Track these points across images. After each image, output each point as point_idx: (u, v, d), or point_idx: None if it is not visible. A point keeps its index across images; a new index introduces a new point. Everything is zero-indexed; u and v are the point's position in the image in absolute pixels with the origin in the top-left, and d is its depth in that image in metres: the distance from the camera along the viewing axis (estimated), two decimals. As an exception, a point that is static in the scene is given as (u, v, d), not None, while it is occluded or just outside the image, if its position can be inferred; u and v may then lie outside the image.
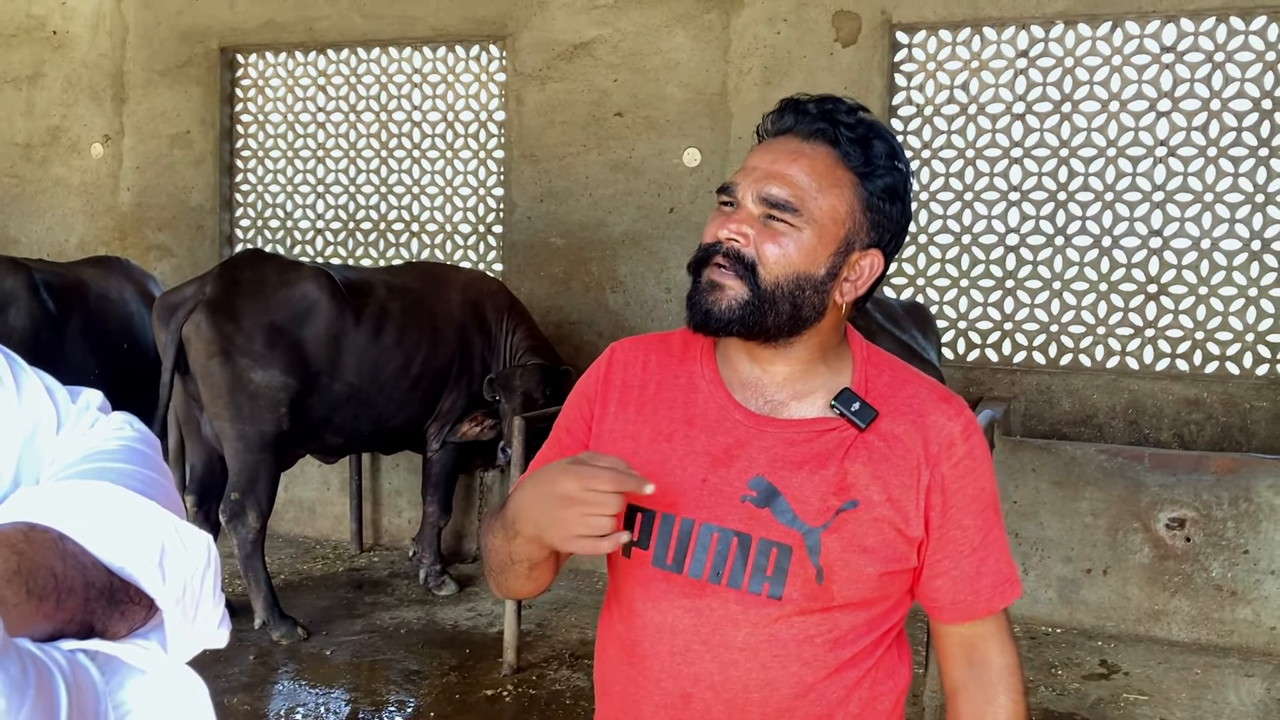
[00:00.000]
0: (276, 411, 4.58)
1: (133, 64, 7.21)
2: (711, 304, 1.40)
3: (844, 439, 1.43)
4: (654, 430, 1.48)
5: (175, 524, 0.90)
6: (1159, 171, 5.49)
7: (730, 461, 1.43)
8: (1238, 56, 5.37)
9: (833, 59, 5.83)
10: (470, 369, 5.24)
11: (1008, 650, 1.49)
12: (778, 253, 1.38)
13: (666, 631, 1.44)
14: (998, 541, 1.47)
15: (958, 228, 5.85)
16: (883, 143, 1.41)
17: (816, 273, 1.40)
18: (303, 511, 6.31)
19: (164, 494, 0.96)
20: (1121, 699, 4.27)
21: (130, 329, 5.29)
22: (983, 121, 5.76)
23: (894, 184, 1.42)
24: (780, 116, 1.44)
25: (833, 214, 1.40)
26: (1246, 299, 5.43)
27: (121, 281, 5.40)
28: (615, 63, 6.22)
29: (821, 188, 1.39)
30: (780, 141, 1.43)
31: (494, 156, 6.63)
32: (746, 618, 1.41)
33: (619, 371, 1.55)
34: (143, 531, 0.87)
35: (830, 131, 1.40)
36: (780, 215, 1.38)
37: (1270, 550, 4.68)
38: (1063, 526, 4.95)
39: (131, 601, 0.86)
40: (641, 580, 1.46)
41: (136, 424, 1.07)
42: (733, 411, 1.46)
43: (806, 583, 1.40)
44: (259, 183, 7.17)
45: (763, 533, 1.40)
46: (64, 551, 0.82)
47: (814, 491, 1.40)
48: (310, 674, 4.41)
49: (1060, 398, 5.67)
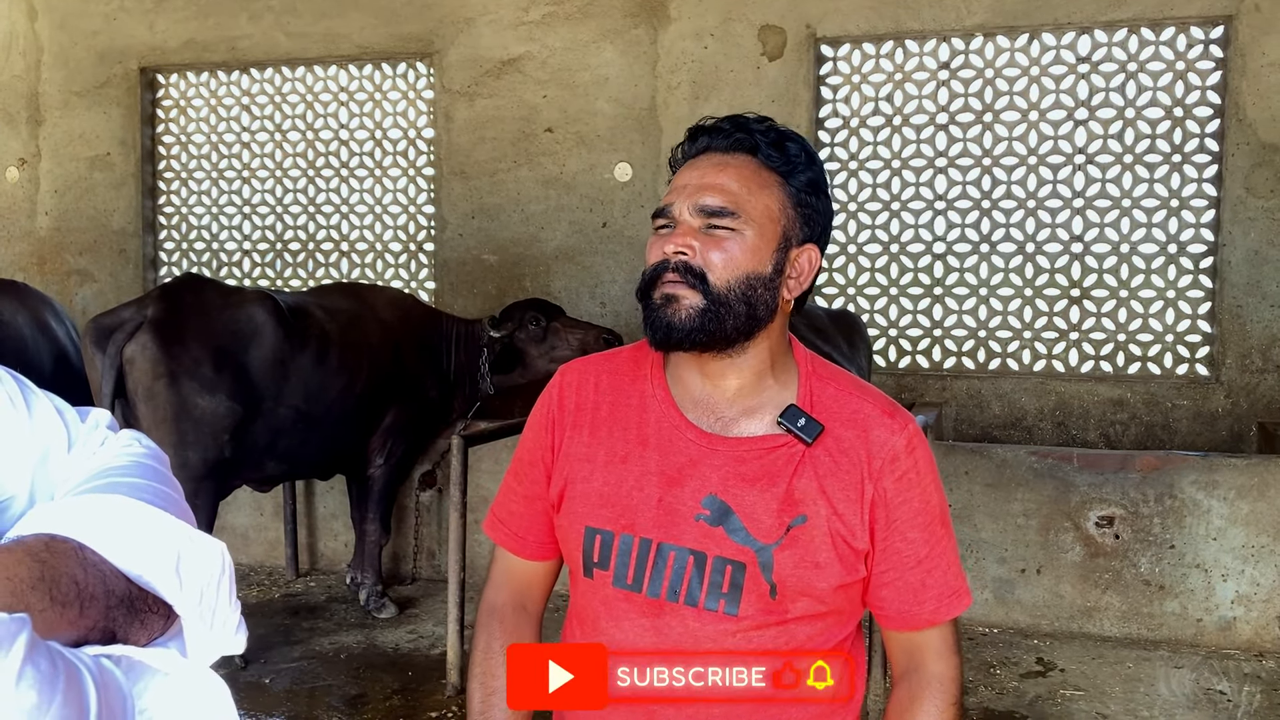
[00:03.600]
0: (220, 438, 4.48)
1: (49, 85, 7.05)
2: (671, 317, 1.41)
3: (792, 455, 1.45)
4: (609, 452, 1.50)
5: (189, 533, 0.92)
6: (1078, 178, 5.65)
7: (684, 481, 1.45)
8: (1150, 66, 5.56)
9: (759, 73, 5.90)
10: (407, 382, 5.21)
11: (946, 660, 1.50)
12: (724, 257, 1.41)
13: (628, 649, 1.46)
14: (945, 554, 1.48)
15: (886, 237, 5.95)
16: (795, 143, 1.46)
17: (764, 270, 1.43)
18: (236, 538, 6.18)
19: (176, 506, 0.98)
20: (1059, 695, 4.36)
21: (24, 353, 5.12)
22: (907, 132, 5.88)
23: (814, 178, 1.47)
24: (693, 141, 1.49)
25: (767, 212, 1.43)
26: (1165, 301, 5.60)
27: (15, 305, 5.24)
28: (544, 79, 6.23)
29: (752, 190, 1.42)
30: (702, 159, 1.46)
31: (423, 174, 6.60)
32: (705, 633, 1.43)
33: (571, 395, 1.56)
34: (158, 540, 0.89)
35: (748, 140, 1.44)
36: (720, 222, 1.41)
37: (1195, 545, 4.81)
38: (996, 528, 5.03)
39: (150, 610, 0.88)
40: (604, 599, 1.48)
41: (145, 440, 1.09)
42: (685, 431, 1.48)
43: (761, 598, 1.42)
44: (183, 205, 7.05)
45: (717, 550, 1.42)
46: (84, 560, 0.84)
47: (765, 508, 1.42)
48: (249, 703, 4.32)
49: (990, 401, 5.79)
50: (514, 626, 1.59)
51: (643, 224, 6.01)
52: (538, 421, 1.58)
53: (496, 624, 1.59)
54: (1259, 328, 5.48)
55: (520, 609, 1.61)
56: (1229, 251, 5.48)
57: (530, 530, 1.59)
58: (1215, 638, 4.82)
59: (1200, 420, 5.56)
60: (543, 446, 1.56)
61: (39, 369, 5.14)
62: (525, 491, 1.58)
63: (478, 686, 1.55)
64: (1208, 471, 4.82)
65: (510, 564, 1.62)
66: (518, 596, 1.61)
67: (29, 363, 5.15)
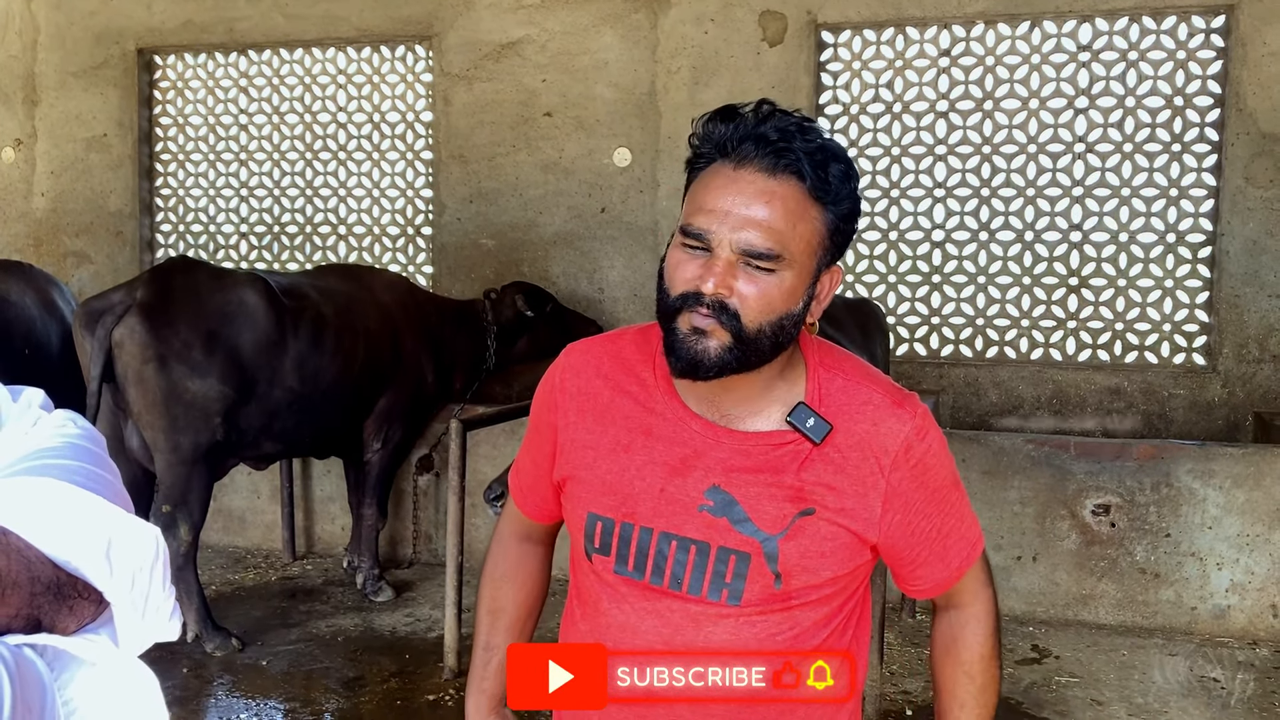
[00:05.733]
0: (211, 421, 4.46)
1: (45, 65, 7.01)
2: (701, 353, 1.36)
3: (799, 452, 1.43)
4: (613, 440, 1.49)
5: (122, 517, 0.89)
6: (1078, 167, 5.65)
7: (687, 471, 1.44)
8: (1150, 55, 5.55)
9: (760, 58, 5.89)
10: (403, 364, 5.21)
11: (979, 596, 1.57)
12: (762, 302, 1.35)
13: (629, 632, 1.46)
14: (960, 511, 1.51)
15: (885, 224, 5.95)
16: (838, 164, 1.38)
17: (796, 309, 1.39)
18: (233, 521, 6.18)
19: (110, 489, 0.95)
20: (1053, 682, 4.38)
21: (31, 334, 5.12)
22: (907, 119, 5.87)
23: (854, 205, 1.41)
24: (737, 142, 1.37)
25: (808, 248, 1.37)
26: (1163, 290, 5.60)
27: (23, 286, 5.23)
28: (543, 63, 6.21)
29: (796, 225, 1.35)
30: (745, 177, 1.36)
31: (422, 158, 6.58)
32: (707, 618, 1.43)
33: (573, 378, 1.55)
34: (88, 525, 0.86)
35: (796, 164, 1.35)
36: (762, 264, 1.34)
37: (1190, 533, 4.83)
38: (993, 515, 5.05)
39: (80, 596, 0.85)
40: (605, 583, 1.49)
41: (80, 421, 1.05)
42: (689, 421, 1.46)
43: (765, 587, 1.42)
44: (180, 186, 7.02)
45: (721, 541, 1.42)
46: (7, 546, 0.81)
47: (770, 500, 1.42)
48: (247, 685, 4.33)
49: (987, 389, 5.80)
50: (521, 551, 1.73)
51: (642, 210, 6.00)
52: (541, 403, 1.60)
53: (506, 545, 1.74)
54: (1256, 317, 5.49)
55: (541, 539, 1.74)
56: (1227, 241, 5.49)
57: (544, 498, 1.64)
58: (1210, 626, 4.84)
59: (1197, 409, 5.57)
60: (546, 424, 1.58)
61: (46, 349, 5.13)
62: (532, 463, 1.64)
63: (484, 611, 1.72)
64: (1204, 460, 4.83)
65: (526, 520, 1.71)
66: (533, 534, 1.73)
67: (36, 342, 5.14)
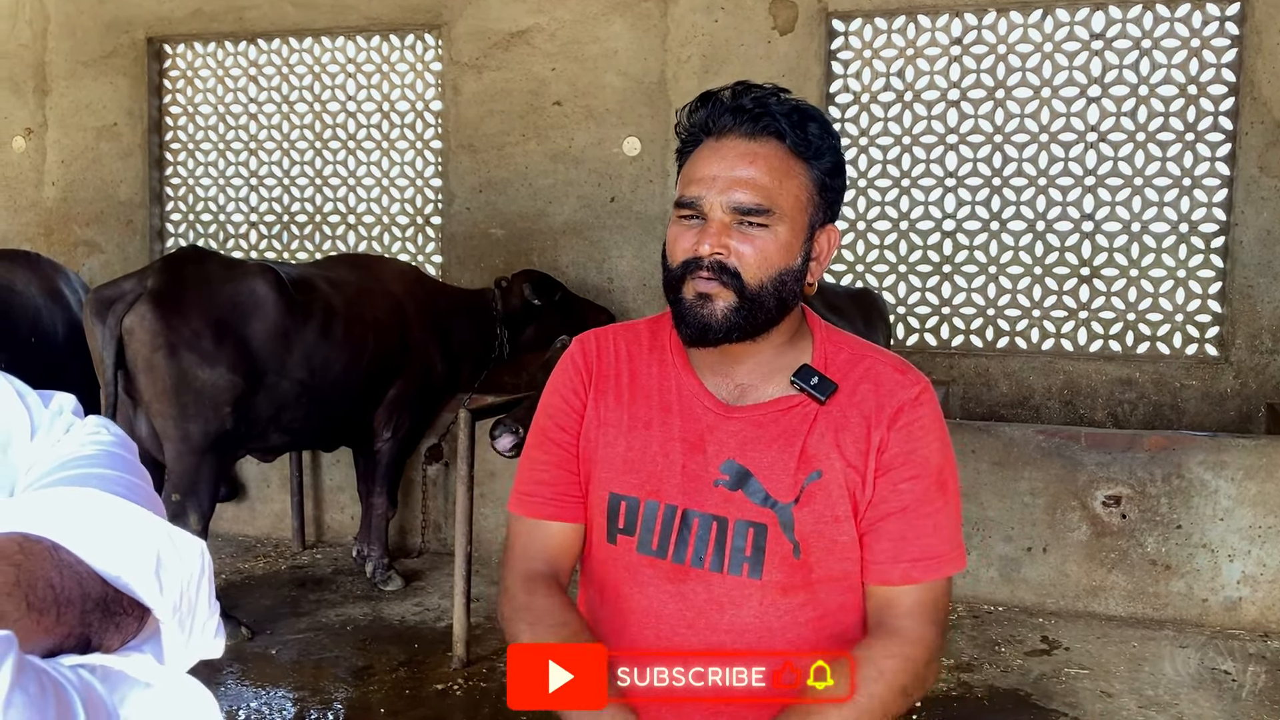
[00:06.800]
0: (220, 411, 4.47)
1: (55, 54, 7.01)
2: (707, 316, 1.41)
3: (807, 414, 1.47)
4: (633, 418, 1.52)
5: (168, 531, 0.86)
6: (1090, 157, 5.61)
7: (703, 447, 1.47)
8: (1164, 43, 5.50)
9: (770, 47, 5.86)
10: (412, 354, 5.21)
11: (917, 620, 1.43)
12: (759, 256, 1.40)
13: (653, 616, 1.48)
14: (934, 514, 1.45)
15: (895, 214, 5.92)
16: (815, 122, 1.43)
17: (795, 264, 1.43)
18: (242, 510, 6.20)
19: (148, 499, 0.92)
20: (1063, 674, 4.36)
21: (37, 323, 5.13)
22: (918, 108, 5.83)
23: (836, 160, 1.46)
24: (717, 117, 1.44)
25: (797, 203, 1.42)
26: (1175, 280, 5.57)
27: (29, 275, 5.24)
28: (553, 51, 6.19)
29: (782, 181, 1.41)
30: (727, 144, 1.42)
31: (431, 147, 6.57)
32: (730, 599, 1.45)
33: (593, 362, 1.57)
34: (137, 539, 0.83)
35: (774, 125, 1.41)
36: (754, 219, 1.40)
37: (1201, 525, 4.81)
38: (1003, 506, 5.03)
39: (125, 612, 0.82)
40: (628, 566, 1.50)
41: (112, 428, 1.03)
42: (703, 398, 1.50)
43: (784, 559, 1.44)
44: (189, 176, 7.02)
45: (738, 514, 1.45)
46: (60, 562, 0.77)
47: (783, 468, 1.45)
48: (256, 674, 4.34)
49: (998, 380, 5.77)
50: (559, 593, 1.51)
51: (651, 199, 5.98)
52: (563, 386, 1.57)
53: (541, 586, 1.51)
54: (1269, 308, 5.45)
55: (556, 578, 1.55)
56: (1241, 231, 5.44)
57: (563, 493, 1.55)
58: (1221, 618, 4.82)
59: (1209, 400, 5.53)
60: (572, 409, 1.55)
61: (52, 337, 5.14)
62: (554, 457, 1.56)
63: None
64: (1216, 452, 4.81)
65: (541, 534, 1.56)
66: (551, 565, 1.56)
67: (42, 332, 5.15)
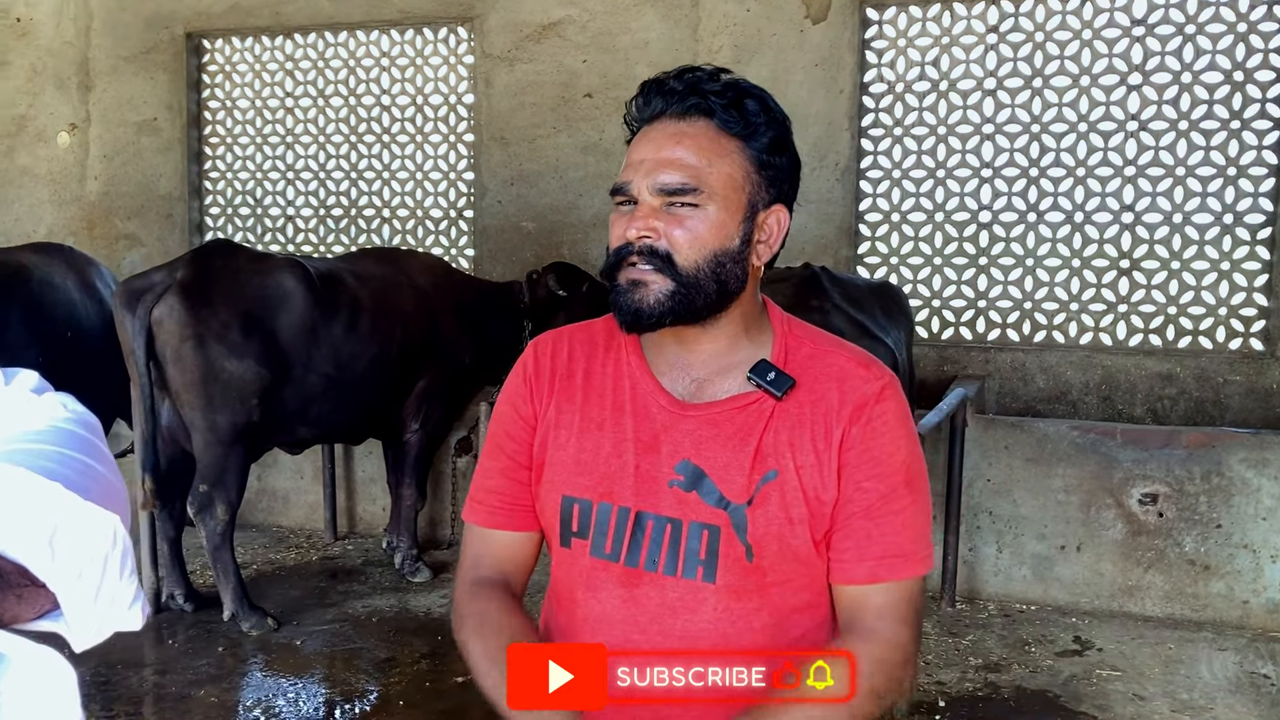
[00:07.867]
0: (248, 403, 4.51)
1: (98, 51, 7.12)
2: (639, 302, 1.38)
3: (763, 411, 1.42)
4: (585, 419, 1.48)
5: (75, 505, 0.88)
6: (1130, 146, 5.47)
7: (658, 447, 1.44)
8: (1208, 29, 5.34)
9: (803, 36, 5.78)
10: (441, 347, 5.22)
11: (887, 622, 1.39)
12: (689, 237, 1.37)
13: (604, 623, 1.44)
14: (901, 512, 1.41)
15: (930, 205, 5.82)
16: (753, 100, 1.40)
17: (732, 245, 1.40)
18: (276, 501, 6.26)
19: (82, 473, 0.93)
20: (1094, 675, 4.27)
21: (73, 316, 5.20)
22: (954, 98, 5.73)
23: (777, 136, 1.41)
24: (647, 102, 1.42)
25: (730, 181, 1.38)
26: (1219, 273, 5.41)
27: (64, 268, 5.32)
28: (584, 43, 6.16)
29: (712, 160, 1.37)
30: (657, 127, 1.41)
31: (464, 140, 6.57)
32: (684, 604, 1.41)
33: (546, 364, 1.54)
34: (32, 512, 0.85)
35: (703, 104, 1.38)
36: (681, 199, 1.37)
37: (1243, 524, 4.68)
38: (1036, 504, 4.94)
39: (32, 584, 0.84)
40: (581, 570, 1.47)
41: (73, 404, 1.05)
42: (658, 397, 1.46)
43: (737, 562, 1.40)
44: (228, 170, 7.10)
45: (693, 516, 1.41)
46: None
47: (737, 468, 1.40)
48: (280, 664, 4.38)
49: (1034, 374, 5.66)
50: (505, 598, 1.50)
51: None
52: (513, 393, 1.56)
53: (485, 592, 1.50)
54: (1318, 301, 5.28)
55: (505, 585, 1.54)
56: (1288, 222, 5.28)
57: (511, 502, 1.54)
58: (1263, 620, 4.69)
59: (1253, 396, 5.37)
60: (522, 417, 1.53)
61: (88, 331, 5.21)
62: (502, 465, 1.54)
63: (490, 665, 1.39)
64: (1258, 449, 4.68)
65: (491, 543, 1.56)
66: (500, 573, 1.55)
67: (78, 325, 5.23)
